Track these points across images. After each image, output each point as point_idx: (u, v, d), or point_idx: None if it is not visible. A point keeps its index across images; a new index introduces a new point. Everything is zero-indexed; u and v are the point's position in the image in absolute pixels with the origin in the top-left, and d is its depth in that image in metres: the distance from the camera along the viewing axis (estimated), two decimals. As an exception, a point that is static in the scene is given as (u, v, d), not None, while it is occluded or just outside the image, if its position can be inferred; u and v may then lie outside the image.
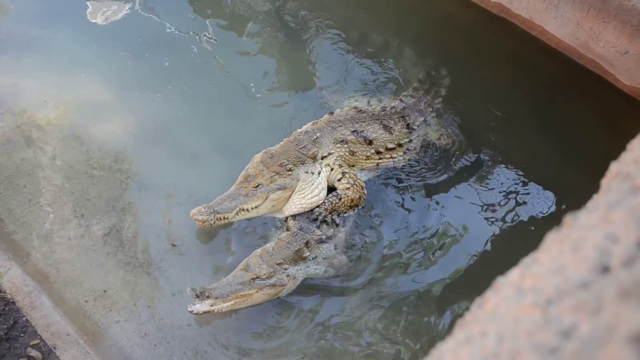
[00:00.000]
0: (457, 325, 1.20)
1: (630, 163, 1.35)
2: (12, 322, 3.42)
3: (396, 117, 4.59)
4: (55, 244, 4.03)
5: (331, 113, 4.53)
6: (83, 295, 3.78)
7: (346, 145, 4.25)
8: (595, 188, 1.38)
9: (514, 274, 1.20)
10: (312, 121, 4.48)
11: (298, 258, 3.83)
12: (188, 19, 5.98)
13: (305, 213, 4.09)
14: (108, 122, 4.88)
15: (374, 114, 4.53)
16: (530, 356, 0.96)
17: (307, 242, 3.89)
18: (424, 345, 3.70)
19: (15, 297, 3.53)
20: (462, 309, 3.87)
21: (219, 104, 5.16)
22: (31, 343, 3.35)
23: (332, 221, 4.07)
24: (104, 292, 3.81)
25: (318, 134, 4.26)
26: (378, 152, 4.36)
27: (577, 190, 2.88)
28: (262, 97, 5.23)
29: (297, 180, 4.06)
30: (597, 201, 1.27)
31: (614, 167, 1.37)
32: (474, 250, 4.21)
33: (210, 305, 3.45)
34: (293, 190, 4.07)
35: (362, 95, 5.12)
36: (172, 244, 4.10)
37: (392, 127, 4.48)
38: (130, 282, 3.88)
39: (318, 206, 4.08)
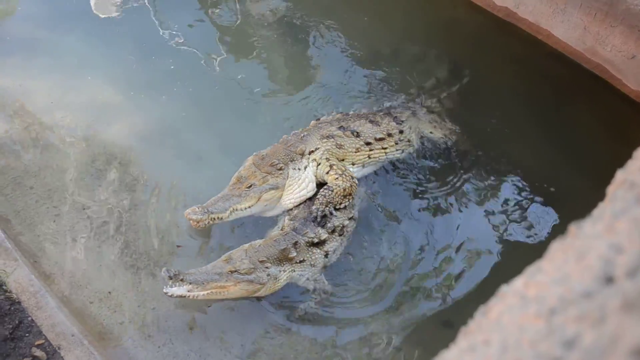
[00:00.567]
0: (461, 333, 1.20)
1: (636, 171, 1.33)
2: (17, 322, 3.44)
3: (381, 113, 4.73)
4: (61, 245, 4.05)
5: (317, 119, 4.65)
6: (88, 296, 3.80)
7: (332, 140, 4.30)
8: (600, 195, 1.36)
9: (518, 282, 1.19)
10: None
11: (283, 258, 3.75)
12: (194, 23, 6.01)
13: (303, 214, 4.08)
14: (114, 123, 4.91)
15: (359, 115, 4.67)
16: (533, 366, 0.95)
17: (296, 243, 3.82)
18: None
19: (20, 297, 3.55)
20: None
21: (224, 105, 5.18)
22: (36, 343, 3.36)
23: (330, 213, 4.04)
24: (109, 293, 3.83)
25: (305, 133, 4.36)
26: (368, 144, 4.40)
27: (583, 198, 2.86)
28: (266, 99, 5.25)
29: (287, 178, 4.10)
30: (602, 210, 1.25)
31: (620, 175, 1.35)
32: (484, 264, 4.16)
33: (187, 290, 3.41)
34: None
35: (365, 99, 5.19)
36: (177, 245, 4.12)
37: (379, 122, 4.57)
38: (135, 284, 3.90)
39: (313, 204, 4.08)
